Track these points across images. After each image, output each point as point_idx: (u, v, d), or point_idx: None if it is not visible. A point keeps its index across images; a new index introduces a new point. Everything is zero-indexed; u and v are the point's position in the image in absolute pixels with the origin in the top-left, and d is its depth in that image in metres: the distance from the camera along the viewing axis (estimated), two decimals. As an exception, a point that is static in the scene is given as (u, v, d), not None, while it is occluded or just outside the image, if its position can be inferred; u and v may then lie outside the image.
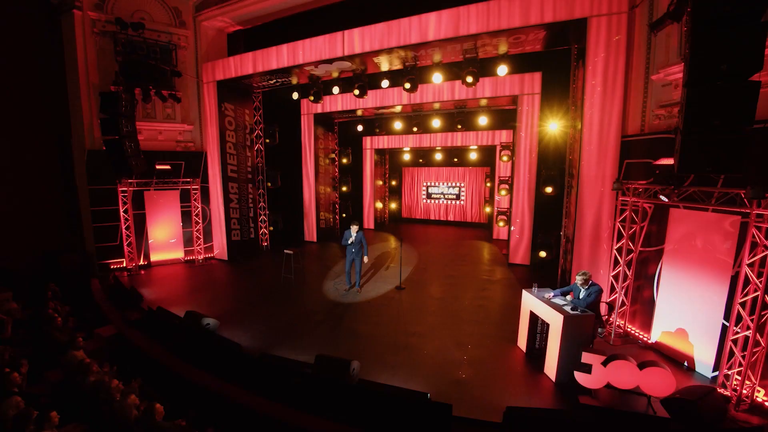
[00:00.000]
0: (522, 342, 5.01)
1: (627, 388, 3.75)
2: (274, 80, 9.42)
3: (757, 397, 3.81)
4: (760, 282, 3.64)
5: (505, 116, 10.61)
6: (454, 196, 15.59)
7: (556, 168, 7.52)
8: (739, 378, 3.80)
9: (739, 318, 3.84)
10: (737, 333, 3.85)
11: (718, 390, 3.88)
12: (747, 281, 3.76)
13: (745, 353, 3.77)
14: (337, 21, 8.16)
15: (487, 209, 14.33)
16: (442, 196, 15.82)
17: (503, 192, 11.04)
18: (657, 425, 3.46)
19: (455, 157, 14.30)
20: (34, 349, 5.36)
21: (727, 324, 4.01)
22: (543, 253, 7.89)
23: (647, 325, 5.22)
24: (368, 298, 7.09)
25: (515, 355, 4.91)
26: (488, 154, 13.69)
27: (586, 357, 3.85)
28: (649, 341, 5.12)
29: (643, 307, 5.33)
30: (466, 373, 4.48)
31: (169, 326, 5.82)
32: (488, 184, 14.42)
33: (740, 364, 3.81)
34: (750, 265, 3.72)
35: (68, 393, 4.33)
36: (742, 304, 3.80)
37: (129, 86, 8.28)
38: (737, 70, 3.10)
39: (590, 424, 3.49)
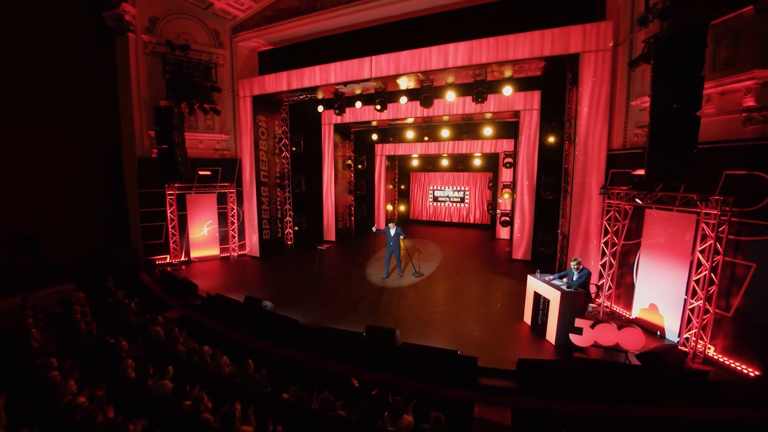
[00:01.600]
0: (527, 317, 6.17)
1: (609, 345, 4.92)
2: (304, 95, 10.55)
3: (708, 352, 4.98)
4: (708, 264, 4.82)
5: (508, 127, 11.83)
6: (459, 200, 16.77)
7: (554, 175, 8.71)
8: (695, 338, 4.97)
9: (695, 292, 5.02)
10: (693, 304, 5.03)
11: (679, 347, 5.06)
12: (699, 264, 4.94)
13: (699, 319, 4.95)
14: (357, 45, 9.38)
15: (490, 211, 15.51)
16: (447, 199, 17.00)
17: (506, 195, 12.25)
18: (631, 371, 4.60)
19: (460, 163, 15.50)
20: (112, 330, 6.40)
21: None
22: (543, 249, 9.07)
23: (629, 304, 6.39)
24: (395, 286, 8.23)
25: (522, 327, 6.07)
26: (491, 161, 14.90)
27: (579, 322, 5.01)
28: (631, 317, 6.28)
29: (626, 290, 6.50)
30: (484, 339, 5.62)
31: (230, 309, 6.91)
32: (491, 189, 15.61)
33: (695, 328, 4.98)
34: (701, 251, 4.91)
35: (161, 358, 5.39)
36: (696, 281, 4.98)
37: (177, 101, 9.39)
38: (685, 108, 4.28)
39: (582, 369, 4.65)
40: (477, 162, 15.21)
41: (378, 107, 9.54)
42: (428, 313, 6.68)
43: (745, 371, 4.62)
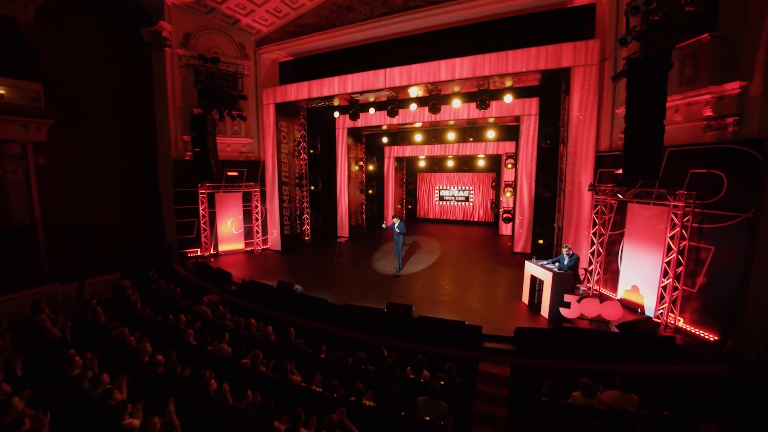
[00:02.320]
0: (525, 297, 7.09)
1: (593, 317, 5.84)
2: (322, 103, 11.54)
3: (678, 323, 5.88)
4: (676, 248, 5.73)
5: (510, 131, 12.75)
6: (464, 199, 17.69)
7: (550, 174, 9.60)
8: (667, 312, 5.88)
9: (666, 273, 5.93)
10: (664, 282, 5.94)
11: (653, 320, 5.96)
12: (670, 248, 5.85)
13: (669, 295, 5.85)
14: (371, 57, 10.35)
15: (493, 209, 16.41)
16: (453, 198, 17.92)
17: (508, 194, 13.16)
18: (610, 336, 5.52)
19: (465, 164, 16.44)
20: (161, 311, 7.35)
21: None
22: (541, 241, 9.97)
23: (615, 287, 7.29)
24: (407, 274, 9.19)
25: (520, 305, 7.00)
26: (494, 162, 15.81)
27: (567, 297, 5.94)
28: (616, 298, 7.18)
29: (612, 275, 7.40)
30: (487, 315, 6.55)
31: (264, 292, 7.89)
32: (494, 188, 16.52)
33: (667, 303, 5.89)
34: (671, 238, 5.82)
35: (213, 330, 6.32)
36: (667, 263, 5.89)
37: (208, 109, 10.41)
38: (652, 119, 5.19)
39: (569, 335, 5.57)
40: (481, 163, 16.13)
41: (389, 114, 10.52)
42: (438, 295, 7.63)
43: (707, 337, 5.52)
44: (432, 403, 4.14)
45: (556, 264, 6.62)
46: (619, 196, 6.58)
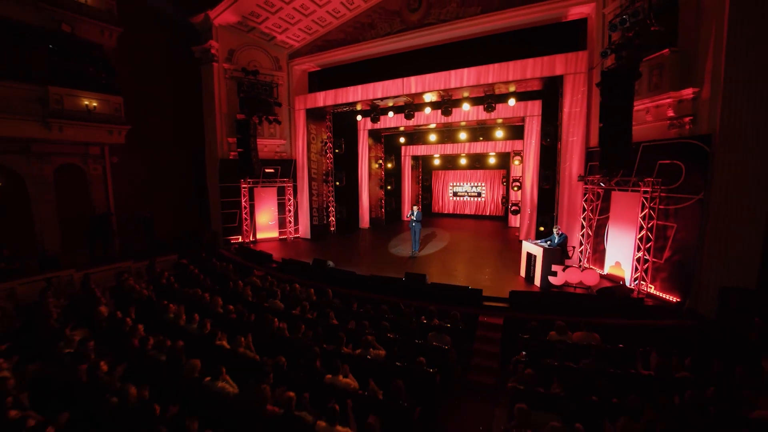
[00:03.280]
0: (522, 272, 8.34)
1: (575, 283, 7.05)
2: (347, 108, 13.05)
3: (649, 290, 7.01)
4: (646, 226, 6.88)
5: (517, 130, 13.89)
6: (476, 194, 18.86)
7: (550, 169, 10.73)
8: (639, 280, 7.03)
9: (639, 248, 7.07)
10: (637, 255, 7.09)
11: (628, 287, 7.12)
12: (642, 227, 7.00)
13: (641, 267, 7.00)
14: (390, 67, 11.74)
15: (504, 203, 17.53)
16: (466, 194, 19.12)
17: (515, 188, 14.30)
18: (590, 297, 6.72)
19: (477, 161, 17.63)
20: (222, 283, 8.91)
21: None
22: (542, 228, 11.12)
23: (602, 264, 8.43)
24: (421, 255, 10.56)
25: (518, 278, 8.26)
26: (504, 159, 16.94)
27: (554, 267, 7.18)
28: (603, 273, 8.32)
29: (600, 254, 8.54)
30: (488, 284, 7.83)
31: (302, 267, 9.41)
32: (504, 184, 17.64)
33: (640, 272, 7.04)
34: (642, 218, 6.97)
35: (265, 294, 7.81)
36: (640, 239, 7.04)
37: (249, 114, 12.06)
38: (622, 120, 6.37)
39: (554, 296, 6.82)
40: (492, 161, 17.29)
41: (406, 117, 11.92)
42: (448, 270, 8.97)
43: (671, 299, 6.64)
44: (439, 335, 5.52)
45: (548, 242, 7.84)
46: (602, 185, 7.76)
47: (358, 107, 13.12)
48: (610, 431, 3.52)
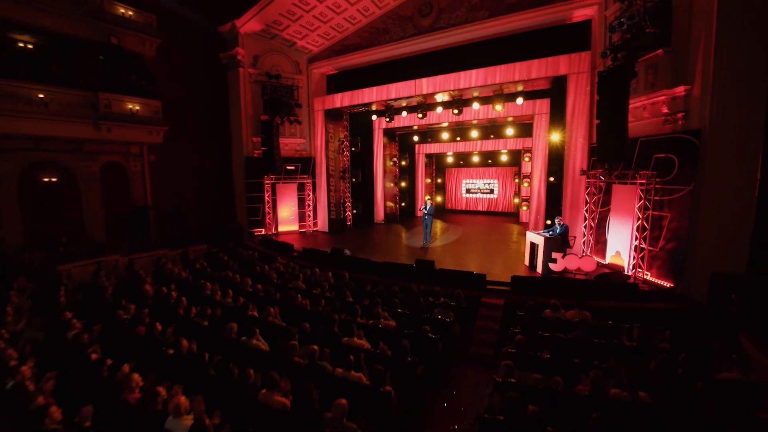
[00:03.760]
0: (526, 260, 8.86)
1: (574, 269, 7.55)
2: (363, 108, 13.79)
3: (645, 277, 7.44)
4: (642, 216, 7.31)
5: (527, 128, 14.29)
6: (489, 191, 19.28)
7: (556, 164, 11.16)
8: (637, 267, 7.46)
9: (636, 237, 7.50)
10: (634, 244, 7.52)
11: (625, 273, 7.56)
12: (638, 218, 7.43)
13: (638, 254, 7.42)
14: (404, 69, 12.38)
15: (515, 200, 17.91)
16: (478, 191, 19.56)
17: (525, 184, 14.71)
18: (586, 283, 7.20)
19: (489, 159, 18.06)
20: (248, 269, 9.75)
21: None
22: (548, 222, 11.53)
23: (604, 255, 8.85)
24: (433, 246, 11.18)
25: (522, 266, 8.79)
26: (516, 156, 17.32)
27: (554, 255, 7.69)
28: (605, 262, 8.75)
29: (602, 245, 8.96)
30: (493, 270, 8.40)
31: (321, 255, 10.20)
32: (516, 180, 18.01)
33: (637, 260, 7.47)
34: (638, 208, 7.40)
35: (288, 277, 8.60)
36: (637, 229, 7.47)
37: (272, 115, 12.96)
38: (618, 117, 6.83)
39: (553, 281, 7.34)
40: (504, 158, 17.70)
41: (420, 116, 12.56)
42: (457, 259, 9.57)
43: (664, 284, 7.06)
44: (444, 311, 6.18)
45: (550, 232, 8.34)
46: (601, 178, 8.21)
47: (374, 107, 13.84)
48: (584, 383, 4.09)
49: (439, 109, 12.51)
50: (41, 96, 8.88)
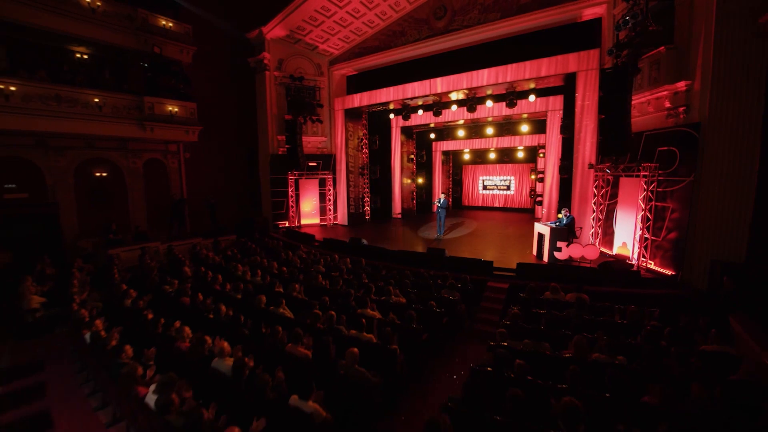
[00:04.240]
0: (534, 250, 9.27)
1: (577, 257, 7.93)
2: (381, 107, 14.47)
3: (649, 265, 7.72)
4: (645, 207, 7.60)
5: (542, 124, 14.54)
6: (506, 187, 19.54)
7: (568, 159, 11.43)
8: (640, 257, 7.76)
9: (640, 228, 7.80)
10: (638, 233, 7.81)
11: (627, 261, 7.87)
12: (642, 208, 7.73)
13: (641, 244, 7.72)
14: (419, 69, 12.94)
15: (531, 195, 18.09)
16: (495, 187, 19.85)
17: (540, 180, 14.94)
18: (588, 270, 7.58)
19: (505, 155, 18.34)
20: (274, 256, 10.60)
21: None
22: (560, 215, 11.81)
23: (611, 246, 9.13)
24: (445, 239, 11.72)
25: (530, 256, 9.21)
26: (532, 153, 17.53)
27: (559, 244, 8.09)
28: (612, 253, 9.03)
29: (609, 237, 9.25)
30: (503, 258, 8.87)
31: (340, 244, 10.95)
32: (533, 177, 18.19)
33: (640, 249, 7.77)
34: (642, 200, 7.69)
35: (310, 262, 9.37)
36: (640, 219, 7.76)
37: (296, 115, 13.83)
38: (619, 113, 7.17)
39: (556, 267, 7.75)
40: (520, 154, 17.93)
41: (435, 114, 13.09)
42: (469, 250, 10.07)
43: (666, 272, 7.34)
44: (450, 291, 6.75)
45: (556, 223, 8.73)
46: (607, 171, 8.52)
47: (391, 106, 14.48)
48: (570, 347, 4.58)
49: (454, 107, 13.01)
50: (96, 100, 10.06)
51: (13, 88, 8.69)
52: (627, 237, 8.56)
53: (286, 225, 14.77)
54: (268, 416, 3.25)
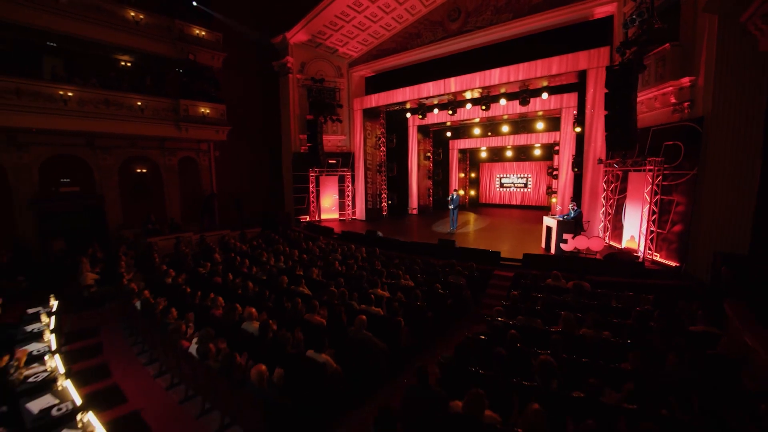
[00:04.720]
0: (543, 243, 9.57)
1: (583, 249, 8.20)
2: (398, 107, 15.03)
3: (654, 257, 7.90)
4: (651, 200, 7.80)
5: (558, 122, 14.66)
6: (523, 185, 19.63)
7: (580, 155, 11.59)
8: (646, 249, 7.95)
9: (645, 220, 7.99)
10: (643, 226, 8.01)
11: (632, 253, 8.08)
12: (648, 202, 7.92)
13: (647, 236, 7.92)
14: (435, 69, 13.39)
15: (548, 193, 18.14)
16: (512, 185, 19.98)
17: (555, 177, 15.06)
18: (594, 261, 7.85)
19: (522, 153, 18.48)
20: (296, 245, 11.35)
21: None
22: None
23: (620, 239, 9.31)
24: (458, 233, 12.15)
25: (539, 248, 9.51)
26: (548, 151, 17.59)
27: (565, 236, 8.39)
28: (621, 246, 9.21)
29: (618, 230, 9.42)
30: (510, 250, 9.23)
31: (357, 236, 11.60)
32: (549, 174, 18.23)
33: (646, 241, 7.96)
34: (647, 194, 7.89)
35: (329, 252, 10.03)
36: (647, 212, 7.96)
37: (317, 115, 14.59)
38: (624, 109, 7.41)
39: (561, 258, 8.06)
40: (537, 152, 18.02)
41: (450, 112, 13.53)
42: (479, 243, 10.47)
43: (671, 264, 7.52)
44: (456, 277, 7.23)
45: (564, 216, 9.01)
46: (615, 165, 8.72)
47: (407, 106, 15.01)
48: (559, 324, 4.99)
49: (468, 106, 13.38)
50: (139, 103, 11.16)
51: (70, 94, 9.85)
52: (635, 231, 8.73)
53: (307, 219, 15.58)
54: (288, 367, 3.89)
